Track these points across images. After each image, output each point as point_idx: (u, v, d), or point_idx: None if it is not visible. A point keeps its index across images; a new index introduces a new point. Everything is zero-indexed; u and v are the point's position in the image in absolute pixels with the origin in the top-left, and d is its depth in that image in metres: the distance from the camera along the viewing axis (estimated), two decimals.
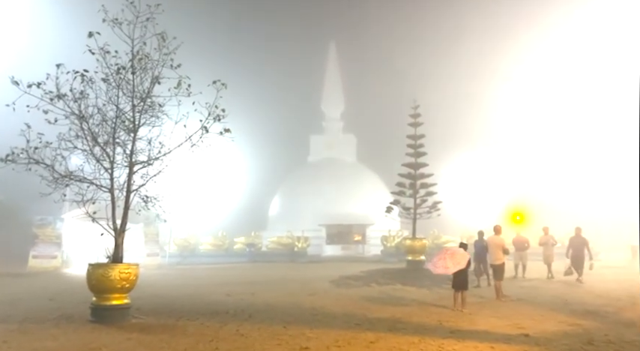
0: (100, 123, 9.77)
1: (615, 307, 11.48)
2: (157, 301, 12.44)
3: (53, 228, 24.97)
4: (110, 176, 9.89)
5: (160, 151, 10.29)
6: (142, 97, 9.91)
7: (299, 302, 12.24)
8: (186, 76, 10.09)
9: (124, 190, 9.94)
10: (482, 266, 15.66)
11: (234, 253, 31.57)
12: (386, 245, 30.43)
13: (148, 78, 10.08)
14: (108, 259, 9.86)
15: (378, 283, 16.20)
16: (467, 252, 11.35)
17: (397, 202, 19.71)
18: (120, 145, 9.98)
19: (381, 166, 41.17)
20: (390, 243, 30.28)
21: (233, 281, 17.92)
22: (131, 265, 9.78)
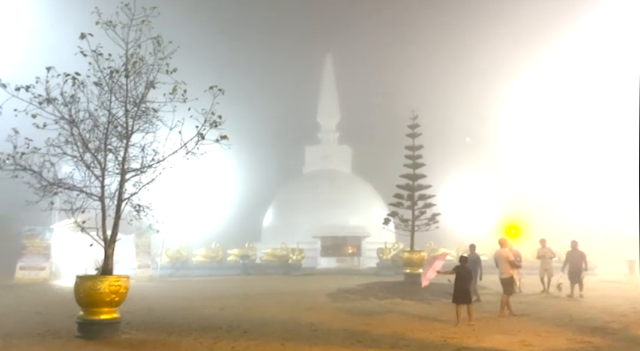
0: (92, 128, 9.38)
1: (622, 323, 11.14)
2: (148, 315, 11.96)
3: (42, 238, 24.38)
4: (101, 184, 9.47)
5: (154, 159, 9.90)
6: (136, 102, 9.53)
7: (296, 317, 11.80)
8: (182, 81, 9.76)
9: (115, 199, 9.53)
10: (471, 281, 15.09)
11: (228, 265, 30.97)
12: (382, 258, 29.99)
13: (142, 83, 9.73)
14: (97, 271, 9.41)
15: (376, 296, 15.78)
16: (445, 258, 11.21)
17: (395, 213, 19.37)
18: (112, 151, 9.59)
19: (376, 177, 40.92)
20: (387, 255, 29.85)
21: (227, 294, 17.43)
22: (121, 278, 9.33)
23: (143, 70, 9.60)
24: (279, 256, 30.67)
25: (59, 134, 9.08)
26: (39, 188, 9.09)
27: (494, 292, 15.90)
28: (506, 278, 12.24)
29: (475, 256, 15.10)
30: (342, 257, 34.90)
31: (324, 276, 27.18)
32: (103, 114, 9.48)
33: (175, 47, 9.86)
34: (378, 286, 18.17)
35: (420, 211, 18.99)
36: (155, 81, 9.72)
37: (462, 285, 10.81)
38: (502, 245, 12.97)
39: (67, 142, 9.14)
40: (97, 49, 8.87)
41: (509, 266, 12.33)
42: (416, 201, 19.06)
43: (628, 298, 15.75)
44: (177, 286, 22.13)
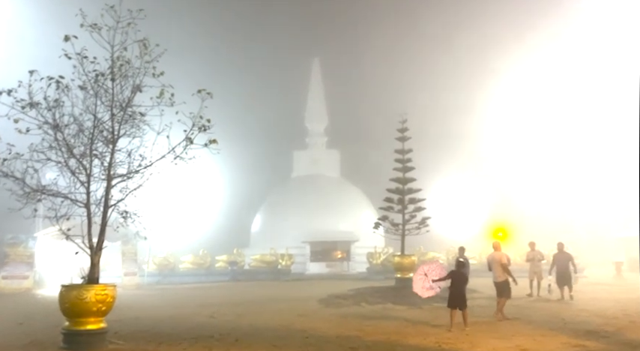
0: (77, 133, 9.13)
1: (615, 326, 11.10)
2: (136, 325, 11.68)
3: (25, 247, 23.88)
4: (86, 190, 9.22)
5: (141, 164, 9.68)
6: (122, 106, 9.31)
7: (288, 324, 11.60)
8: (169, 85, 9.56)
9: (102, 206, 9.27)
10: None
11: (216, 272, 30.64)
12: (372, 262, 29.87)
13: (128, 86, 9.51)
14: (83, 280, 9.14)
15: (368, 302, 15.62)
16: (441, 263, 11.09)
17: (385, 217, 19.27)
18: (97, 157, 9.34)
19: (365, 181, 40.85)
20: (377, 260, 29.74)
21: (216, 302, 17.16)
22: (108, 286, 9.08)
23: (129, 74, 9.39)
24: (268, 262, 30.42)
25: (43, 139, 8.83)
26: (22, 195, 8.82)
27: (486, 295, 15.83)
28: (501, 282, 12.16)
29: (464, 259, 14.96)
30: (331, 262, 34.74)
31: (314, 281, 26.98)
32: (89, 118, 9.25)
33: (162, 50, 9.68)
34: (369, 291, 18.03)
35: (411, 214, 18.92)
36: (142, 85, 9.52)
37: (457, 290, 10.67)
38: (496, 248, 12.87)
39: (50, 148, 8.89)
40: (81, 52, 8.63)
41: (503, 270, 12.26)
42: (406, 205, 18.98)
43: (618, 300, 15.78)
44: (165, 293, 21.78)
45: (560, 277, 16.11)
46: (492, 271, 12.59)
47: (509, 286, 12.20)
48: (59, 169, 9.06)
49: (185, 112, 9.55)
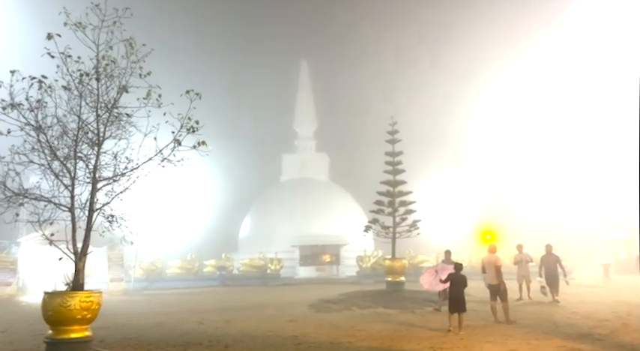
0: (60, 135, 8.84)
1: (607, 329, 11.04)
2: (122, 332, 11.37)
3: (8, 253, 23.35)
4: (70, 194, 8.92)
5: (127, 167, 9.41)
6: (108, 107, 9.04)
7: (278, 330, 11.36)
8: (156, 85, 9.32)
9: (86, 210, 8.98)
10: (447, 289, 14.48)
11: (204, 277, 30.27)
12: (362, 266, 29.70)
13: (114, 87, 9.25)
14: (67, 287, 8.83)
15: (359, 306, 15.44)
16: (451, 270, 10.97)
17: (376, 220, 19.12)
18: (82, 159, 9.05)
19: (354, 185, 40.76)
20: (366, 263, 29.58)
21: (205, 307, 16.86)
22: (93, 293, 8.77)
23: (115, 74, 9.13)
24: (257, 267, 30.11)
25: (25, 141, 8.52)
26: (3, 199, 8.50)
27: (478, 299, 15.70)
28: (496, 285, 12.03)
29: (450, 262, 14.71)
30: (320, 266, 34.51)
31: (304, 286, 26.75)
32: (73, 120, 8.96)
33: (149, 50, 9.44)
34: (359, 295, 17.86)
35: (402, 217, 18.79)
36: (128, 85, 9.26)
37: (456, 293, 10.60)
38: (491, 251, 12.74)
39: (33, 150, 8.58)
40: (65, 51, 8.35)
41: (497, 273, 12.13)
42: (397, 208, 18.86)
43: (607, 302, 15.79)
44: (152, 299, 21.39)
45: (549, 279, 16.06)
46: (487, 273, 12.46)
47: (504, 289, 12.08)
48: (42, 171, 8.75)
49: (173, 114, 9.32)
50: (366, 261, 29.69)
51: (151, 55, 9.55)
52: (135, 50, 9.28)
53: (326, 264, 34.83)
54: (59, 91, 8.67)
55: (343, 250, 34.57)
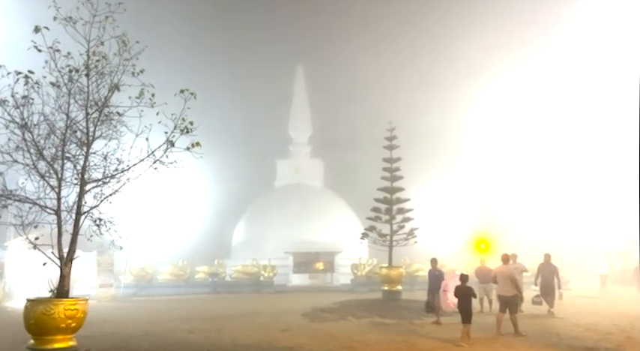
0: (47, 134, 8.44)
1: (612, 342, 10.73)
2: (109, 341, 10.91)
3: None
4: (57, 196, 8.51)
5: (118, 169, 9.01)
6: (97, 103, 8.66)
7: (272, 340, 10.94)
8: (149, 84, 8.95)
9: (74, 212, 8.57)
10: (435, 300, 13.65)
11: (196, 284, 29.66)
12: (357, 274, 29.24)
13: (105, 85, 8.88)
14: (51, 294, 8.40)
15: (354, 316, 15.02)
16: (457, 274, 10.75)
17: (373, 228, 18.75)
18: (70, 159, 8.65)
19: (349, 191, 40.36)
20: (361, 271, 29.12)
21: (196, 315, 16.39)
22: (79, 300, 8.36)
23: (106, 71, 8.76)
24: (250, 274, 29.57)
25: (9, 140, 8.12)
26: None
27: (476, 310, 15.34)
28: (511, 296, 11.62)
29: (438, 271, 14.17)
30: (314, 273, 34.02)
31: (298, 293, 26.28)
32: (61, 118, 8.57)
33: (142, 47, 9.07)
34: (355, 304, 17.44)
35: (399, 225, 18.44)
36: (120, 83, 8.89)
37: (463, 304, 10.44)
38: (505, 261, 12.30)
39: (18, 149, 8.18)
40: (54, 45, 7.96)
41: (513, 284, 11.70)
42: (394, 215, 18.51)
43: (607, 314, 15.47)
44: (142, 306, 20.85)
45: (543, 288, 15.62)
46: (499, 284, 12.01)
47: (517, 301, 11.74)
48: (27, 172, 8.34)
49: (166, 114, 8.95)
50: (361, 269, 29.23)
51: (143, 54, 9.19)
52: (128, 47, 8.92)
53: (320, 271, 34.33)
54: (47, 87, 8.28)
55: (338, 257, 34.10)
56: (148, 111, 8.99)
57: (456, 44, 41.24)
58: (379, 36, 46.72)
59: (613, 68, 33.73)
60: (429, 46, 42.88)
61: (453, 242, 38.40)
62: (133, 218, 12.61)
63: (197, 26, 42.69)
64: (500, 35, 39.72)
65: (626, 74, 27.48)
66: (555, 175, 39.23)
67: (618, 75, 31.51)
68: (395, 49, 44.35)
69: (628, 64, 29.49)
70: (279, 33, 47.82)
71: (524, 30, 39.69)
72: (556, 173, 39.25)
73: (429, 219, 38.60)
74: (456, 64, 41.33)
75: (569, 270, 31.54)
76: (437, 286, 13.56)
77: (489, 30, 40.08)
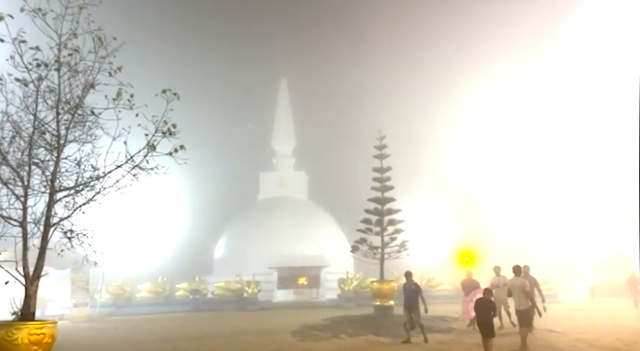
0: (13, 137, 7.56)
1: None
2: None
3: None
4: (23, 205, 7.60)
5: (92, 176, 8.14)
6: (71, 105, 7.81)
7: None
8: (128, 83, 8.14)
9: (42, 224, 7.66)
10: (413, 316, 12.63)
11: (176, 301, 28.49)
12: (344, 289, 28.38)
13: (79, 84, 8.04)
14: (14, 316, 7.44)
15: (347, 333, 14.20)
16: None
17: (364, 240, 18.01)
18: (38, 165, 7.77)
19: (333, 204, 39.69)
20: (348, 286, 28.29)
21: (177, 335, 15.37)
22: (46, 323, 7.42)
23: (80, 68, 7.93)
24: (233, 290, 28.52)
25: None
26: None
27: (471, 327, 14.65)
28: (525, 310, 10.94)
29: (413, 284, 13.11)
30: (300, 289, 33.05)
31: (283, 310, 25.33)
32: (28, 119, 7.69)
33: (120, 43, 8.28)
34: (345, 320, 16.65)
35: (391, 237, 17.73)
36: (95, 82, 8.07)
37: (484, 318, 9.93)
38: (517, 273, 11.55)
39: None
40: (19, 36, 7.11)
41: (526, 296, 11.03)
42: (385, 226, 17.81)
43: (606, 328, 14.96)
44: (119, 327, 19.66)
45: None
46: (514, 298, 11.31)
47: (532, 315, 11.06)
48: None
49: (147, 116, 8.14)
50: (349, 284, 28.41)
51: (122, 52, 8.40)
52: (104, 44, 8.12)
53: (305, 287, 33.36)
54: (11, 85, 7.41)
55: (323, 272, 33.22)
56: (126, 113, 8.19)
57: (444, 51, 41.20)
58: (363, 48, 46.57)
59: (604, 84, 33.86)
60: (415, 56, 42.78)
61: (439, 255, 37.88)
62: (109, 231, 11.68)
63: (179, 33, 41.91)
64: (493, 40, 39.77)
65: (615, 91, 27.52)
66: (540, 187, 39.17)
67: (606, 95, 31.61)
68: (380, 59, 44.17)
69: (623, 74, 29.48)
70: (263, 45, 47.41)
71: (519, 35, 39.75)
72: (541, 185, 39.19)
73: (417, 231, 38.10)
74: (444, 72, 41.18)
75: (555, 282, 31.24)
76: (414, 301, 12.55)
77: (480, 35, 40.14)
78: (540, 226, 38.84)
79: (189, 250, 37.79)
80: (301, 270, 33.17)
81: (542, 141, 39.45)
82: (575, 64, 37.48)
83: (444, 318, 16.93)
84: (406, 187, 36.80)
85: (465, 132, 41.59)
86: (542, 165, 39.24)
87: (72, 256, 9.02)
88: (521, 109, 40.62)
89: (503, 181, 40.69)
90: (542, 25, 38.26)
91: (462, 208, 40.54)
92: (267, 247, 33.52)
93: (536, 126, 39.93)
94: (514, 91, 40.54)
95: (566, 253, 38.26)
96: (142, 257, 34.78)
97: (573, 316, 19.10)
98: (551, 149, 38.73)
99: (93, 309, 25.24)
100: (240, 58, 46.84)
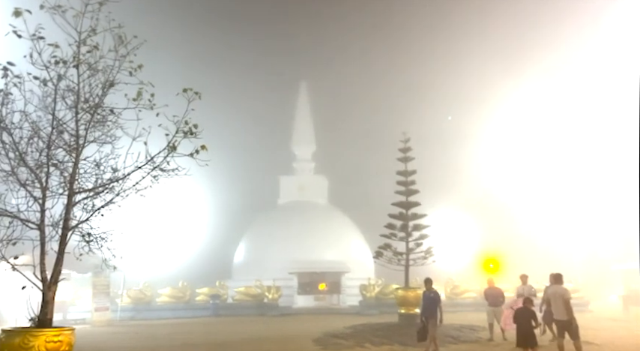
0: (30, 136, 7.33)
1: None
2: None
3: None
4: (40, 208, 7.36)
5: (112, 178, 7.88)
6: (90, 104, 7.57)
7: None
8: (148, 82, 7.87)
9: (59, 227, 7.41)
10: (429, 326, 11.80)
11: (197, 306, 28.27)
12: (365, 295, 27.82)
13: (98, 84, 7.80)
14: (31, 322, 7.19)
15: (372, 342, 13.72)
16: None
17: (388, 246, 17.51)
18: (57, 166, 7.53)
19: (354, 209, 39.15)
20: (370, 293, 27.72)
21: (198, 341, 15.10)
22: (63, 331, 7.14)
23: (100, 67, 7.69)
24: (253, 295, 28.21)
25: None
26: None
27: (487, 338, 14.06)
28: (568, 320, 10.35)
29: (433, 292, 12.23)
30: (320, 295, 32.57)
31: (304, 316, 24.91)
32: (47, 119, 7.46)
33: (141, 41, 8.01)
34: (369, 329, 16.16)
35: (416, 242, 17.20)
36: (116, 81, 7.82)
37: (524, 328, 9.65)
38: (557, 282, 10.94)
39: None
40: (37, 32, 6.87)
41: (569, 306, 10.43)
42: (410, 232, 17.29)
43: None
44: (139, 331, 19.49)
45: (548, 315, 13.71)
46: (553, 307, 10.69)
47: (576, 325, 10.48)
48: (4, 180, 7.20)
49: (167, 115, 7.86)
50: (371, 290, 27.83)
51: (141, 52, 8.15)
52: (124, 43, 7.87)
53: (326, 292, 32.88)
54: (29, 83, 7.19)
55: (344, 278, 32.70)
56: (146, 113, 7.92)
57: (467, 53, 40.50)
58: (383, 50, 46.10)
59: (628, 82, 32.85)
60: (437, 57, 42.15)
61: (463, 261, 37.05)
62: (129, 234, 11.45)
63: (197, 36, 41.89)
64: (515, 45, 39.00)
65: None
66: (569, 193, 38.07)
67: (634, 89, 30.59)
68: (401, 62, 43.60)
69: None
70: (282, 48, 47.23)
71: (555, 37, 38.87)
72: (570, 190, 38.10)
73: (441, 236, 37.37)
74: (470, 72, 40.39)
75: (586, 290, 30.21)
76: (431, 310, 11.83)
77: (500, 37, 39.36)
78: (568, 232, 37.75)
79: (209, 254, 37.61)
80: (322, 275, 32.73)
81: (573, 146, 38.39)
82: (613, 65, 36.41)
83: (472, 327, 16.35)
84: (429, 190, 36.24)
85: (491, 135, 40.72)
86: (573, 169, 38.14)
87: (93, 260, 8.76)
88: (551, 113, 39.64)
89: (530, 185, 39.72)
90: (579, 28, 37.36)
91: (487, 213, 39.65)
92: (287, 252, 33.15)
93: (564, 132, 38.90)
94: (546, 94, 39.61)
95: (595, 261, 37.07)
96: (162, 261, 34.73)
97: (608, 326, 18.32)
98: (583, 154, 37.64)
99: (114, 313, 25.19)
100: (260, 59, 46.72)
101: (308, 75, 43.78)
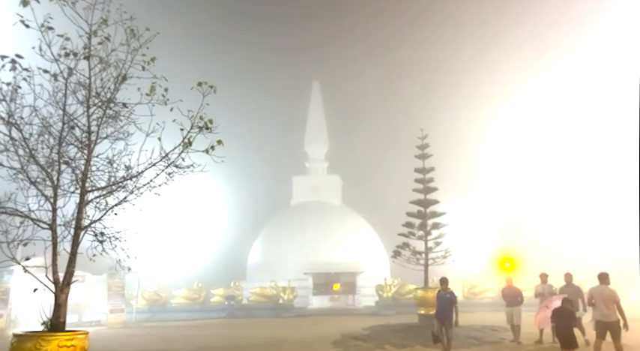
0: (41, 132, 7.07)
1: None
2: None
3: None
4: (52, 207, 7.09)
5: (125, 176, 7.59)
6: (102, 98, 7.29)
7: None
8: (162, 76, 7.58)
9: (72, 227, 7.13)
10: (444, 328, 11.36)
11: (212, 307, 28.06)
12: (382, 295, 27.39)
13: (110, 78, 7.52)
14: (44, 326, 6.92)
15: (392, 344, 13.33)
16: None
17: (406, 245, 17.08)
18: (69, 164, 7.25)
19: (368, 209, 38.74)
20: (387, 293, 27.28)
21: (213, 344, 14.80)
22: (77, 334, 6.84)
23: (112, 60, 7.41)
24: (268, 296, 27.91)
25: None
26: None
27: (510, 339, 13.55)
28: (614, 322, 9.90)
29: (449, 292, 11.67)
30: (335, 295, 32.21)
31: (320, 317, 24.54)
32: (58, 114, 7.20)
33: (153, 34, 7.72)
34: (388, 330, 15.76)
35: (435, 241, 16.75)
36: (128, 75, 7.54)
37: (563, 328, 9.39)
38: (604, 282, 10.44)
39: (5, 150, 6.81)
40: (46, 22, 6.60)
41: (616, 306, 9.97)
42: (429, 230, 16.84)
43: None
44: (154, 333, 19.27)
45: None
46: (598, 307, 10.21)
47: (620, 328, 10.01)
48: (13, 178, 6.94)
49: (182, 110, 7.57)
50: (387, 290, 27.38)
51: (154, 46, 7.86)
52: (137, 36, 7.59)
53: (341, 293, 32.50)
54: (38, 77, 6.92)
55: (359, 278, 32.30)
56: (160, 109, 7.63)
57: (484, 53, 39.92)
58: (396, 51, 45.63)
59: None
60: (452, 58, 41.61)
61: (480, 260, 36.45)
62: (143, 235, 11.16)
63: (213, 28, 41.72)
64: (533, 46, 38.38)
65: None
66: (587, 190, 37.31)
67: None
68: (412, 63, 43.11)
69: None
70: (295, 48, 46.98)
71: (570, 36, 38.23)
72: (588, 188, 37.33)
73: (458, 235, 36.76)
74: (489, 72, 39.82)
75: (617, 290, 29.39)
76: (447, 311, 11.31)
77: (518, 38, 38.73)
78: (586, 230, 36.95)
79: (224, 254, 37.47)
80: (336, 276, 32.37)
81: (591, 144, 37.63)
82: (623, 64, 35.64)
83: (493, 327, 15.88)
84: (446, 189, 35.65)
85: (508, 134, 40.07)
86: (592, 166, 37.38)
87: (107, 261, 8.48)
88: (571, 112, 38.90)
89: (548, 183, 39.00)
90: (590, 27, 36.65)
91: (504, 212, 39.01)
92: (302, 253, 32.86)
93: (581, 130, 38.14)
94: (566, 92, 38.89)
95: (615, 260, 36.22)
96: (176, 262, 34.61)
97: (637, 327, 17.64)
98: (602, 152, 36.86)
99: (129, 315, 25.04)
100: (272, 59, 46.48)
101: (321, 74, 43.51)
